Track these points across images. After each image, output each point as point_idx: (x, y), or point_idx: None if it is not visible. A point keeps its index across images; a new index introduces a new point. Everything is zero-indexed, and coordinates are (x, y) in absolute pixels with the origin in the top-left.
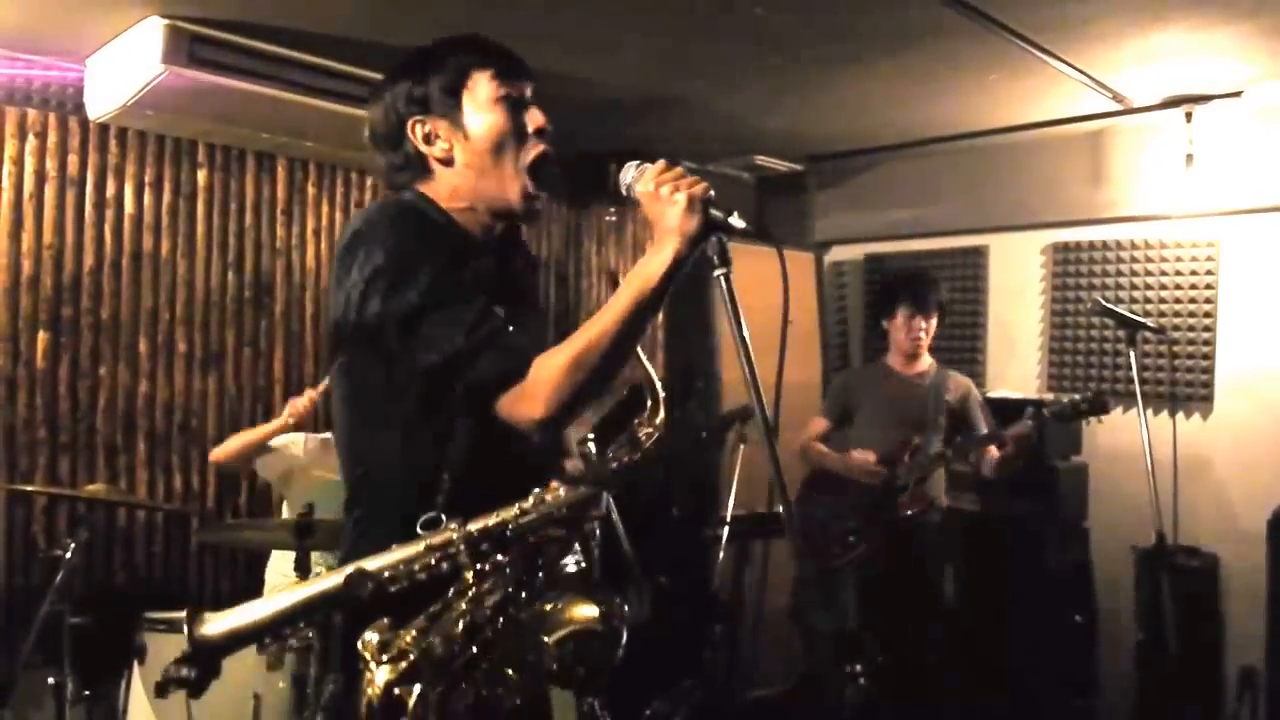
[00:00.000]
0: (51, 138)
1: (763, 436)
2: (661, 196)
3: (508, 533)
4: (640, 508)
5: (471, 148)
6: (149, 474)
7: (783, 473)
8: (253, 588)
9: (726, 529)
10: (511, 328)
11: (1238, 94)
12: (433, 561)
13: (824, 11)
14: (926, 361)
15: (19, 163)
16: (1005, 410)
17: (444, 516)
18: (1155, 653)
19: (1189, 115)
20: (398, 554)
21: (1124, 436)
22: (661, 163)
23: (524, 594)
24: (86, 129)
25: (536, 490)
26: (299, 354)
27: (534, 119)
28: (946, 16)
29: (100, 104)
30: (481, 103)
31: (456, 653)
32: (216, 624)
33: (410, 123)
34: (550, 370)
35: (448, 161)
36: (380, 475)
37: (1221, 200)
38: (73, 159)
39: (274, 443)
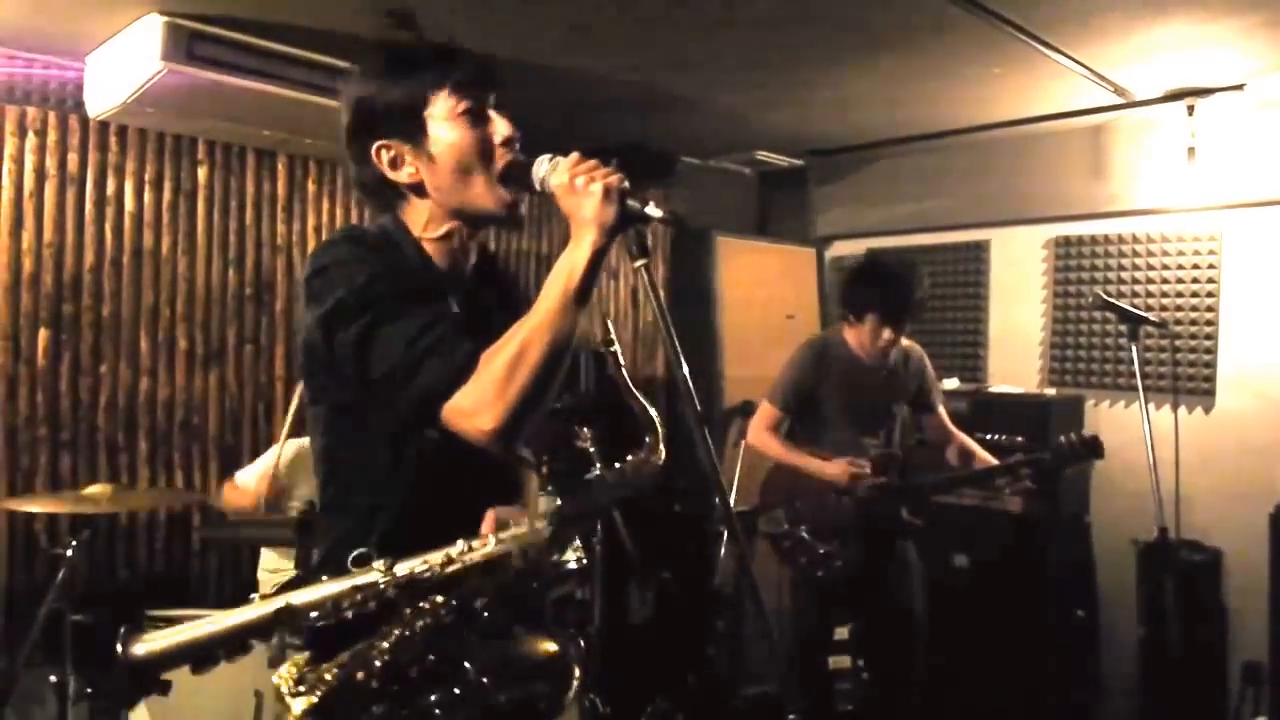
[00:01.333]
0: (51, 135)
1: (695, 432)
2: (576, 188)
3: (434, 579)
4: (642, 503)
5: (438, 170)
6: (150, 471)
7: (731, 469)
8: (253, 584)
9: (726, 525)
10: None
11: (1240, 87)
12: (360, 599)
13: (826, 7)
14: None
15: (19, 160)
16: (1008, 406)
17: (373, 554)
18: (1158, 648)
19: (1191, 108)
20: (326, 590)
21: (1126, 431)
22: (575, 155)
23: (464, 633)
24: (86, 127)
25: (463, 542)
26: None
27: (499, 130)
28: (948, 11)
29: (100, 101)
30: (443, 122)
31: (375, 687)
32: (148, 645)
33: (375, 148)
34: (491, 377)
35: (417, 187)
36: (345, 491)
37: (1223, 194)
38: (73, 157)
39: (297, 443)
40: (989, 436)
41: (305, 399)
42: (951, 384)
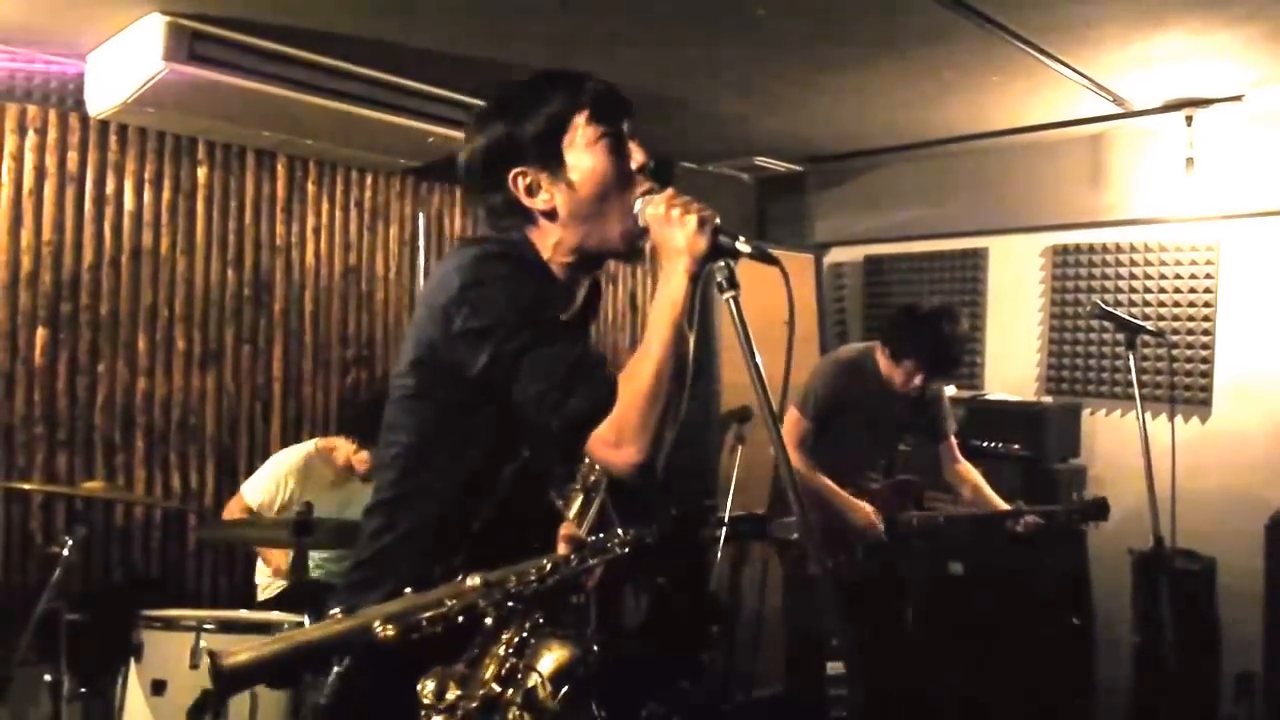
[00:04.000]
0: (51, 134)
1: (778, 457)
2: (672, 219)
3: (526, 591)
4: (639, 509)
5: (575, 197)
6: (147, 471)
7: (794, 483)
8: (249, 586)
9: (724, 530)
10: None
11: (1238, 98)
12: (455, 613)
13: (825, 13)
14: None
15: (19, 159)
16: (1005, 414)
17: (460, 568)
18: (1152, 656)
19: (1189, 119)
20: (419, 601)
21: (1122, 439)
22: (671, 189)
23: (531, 638)
24: (86, 125)
25: (550, 555)
26: (298, 351)
27: (635, 158)
28: (947, 19)
29: (100, 100)
30: (582, 149)
31: (496, 696)
32: (234, 658)
33: (512, 175)
34: (632, 410)
35: (551, 214)
36: (414, 506)
37: (1221, 204)
38: (72, 155)
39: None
40: (985, 444)
41: (397, 394)
42: (948, 392)
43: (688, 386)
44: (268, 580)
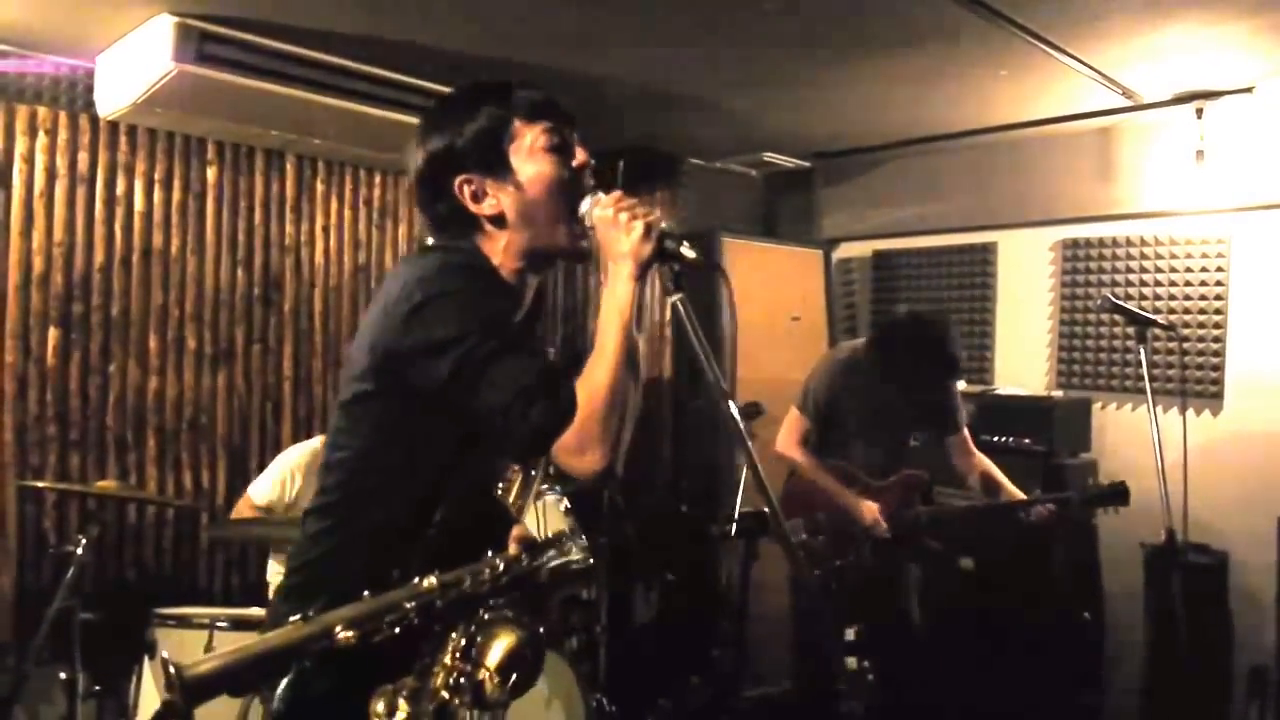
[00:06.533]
0: (62, 135)
1: (739, 446)
2: (619, 223)
3: (481, 591)
4: (648, 505)
5: (523, 199)
6: (159, 470)
7: (764, 478)
8: (261, 584)
9: (734, 526)
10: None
11: (1249, 90)
12: (413, 614)
13: (832, 9)
14: None
15: (30, 160)
16: (1015, 408)
17: (417, 571)
18: (1164, 651)
19: (1199, 111)
20: (378, 603)
21: (1133, 433)
22: (618, 192)
23: (477, 637)
24: (97, 126)
25: (499, 554)
26: (308, 350)
27: (579, 158)
28: (955, 13)
29: (110, 101)
30: (526, 153)
31: (445, 704)
32: (197, 668)
33: (457, 183)
34: (591, 418)
35: (498, 219)
36: (364, 510)
37: (1232, 196)
38: (83, 156)
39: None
40: (996, 439)
41: (349, 397)
42: (959, 386)
43: (640, 382)
44: (280, 577)
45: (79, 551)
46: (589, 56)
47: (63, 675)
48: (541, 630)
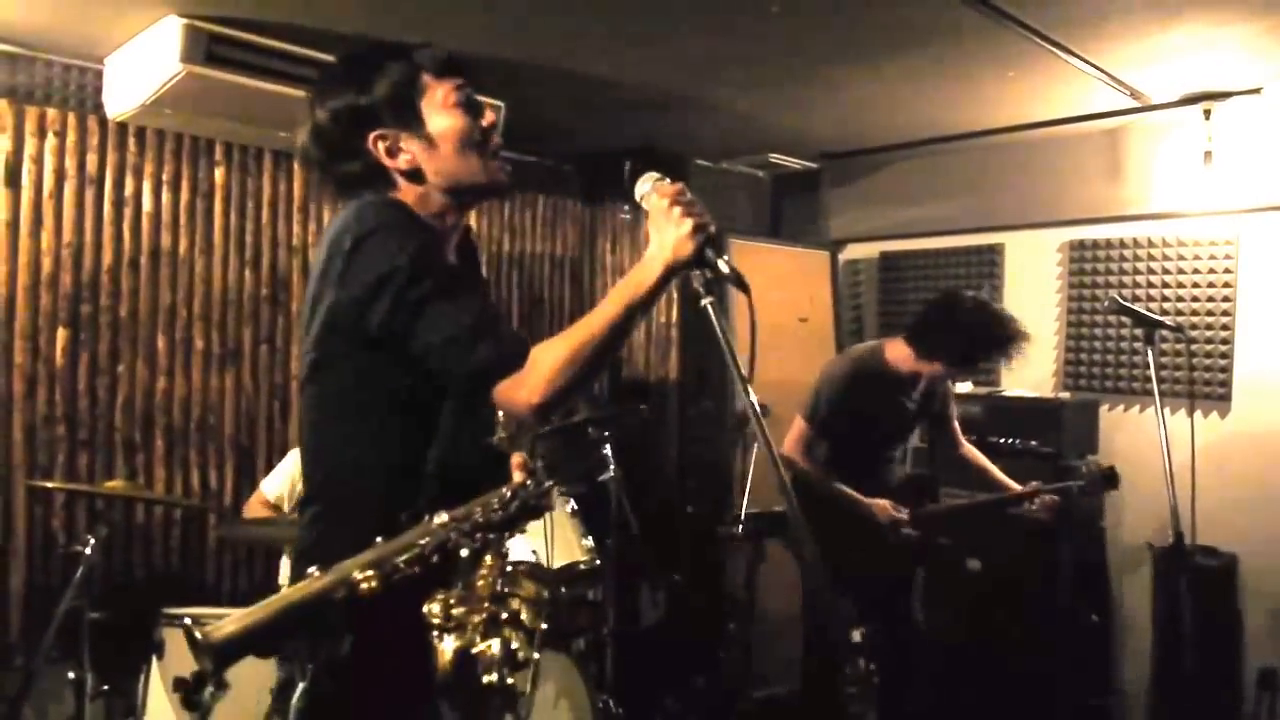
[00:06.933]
0: (71, 136)
1: (763, 445)
2: (671, 215)
3: (493, 520)
4: (655, 506)
5: (438, 154)
6: (167, 470)
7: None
8: (270, 583)
9: (741, 528)
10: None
11: (1257, 91)
12: (429, 552)
13: (838, 9)
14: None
15: (39, 161)
16: (1022, 410)
17: (425, 511)
18: (1173, 653)
19: (1207, 112)
20: (393, 545)
21: (1141, 435)
22: (680, 184)
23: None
24: (105, 128)
25: (505, 487)
26: None
27: (487, 116)
28: (962, 14)
29: (119, 103)
30: (438, 107)
31: (495, 613)
32: (221, 630)
33: (371, 138)
34: (549, 361)
35: (413, 173)
36: (351, 472)
37: (1240, 198)
38: (92, 158)
39: None
40: (1003, 440)
41: (307, 370)
42: (965, 388)
43: (608, 362)
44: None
45: (88, 551)
46: (595, 57)
47: (71, 675)
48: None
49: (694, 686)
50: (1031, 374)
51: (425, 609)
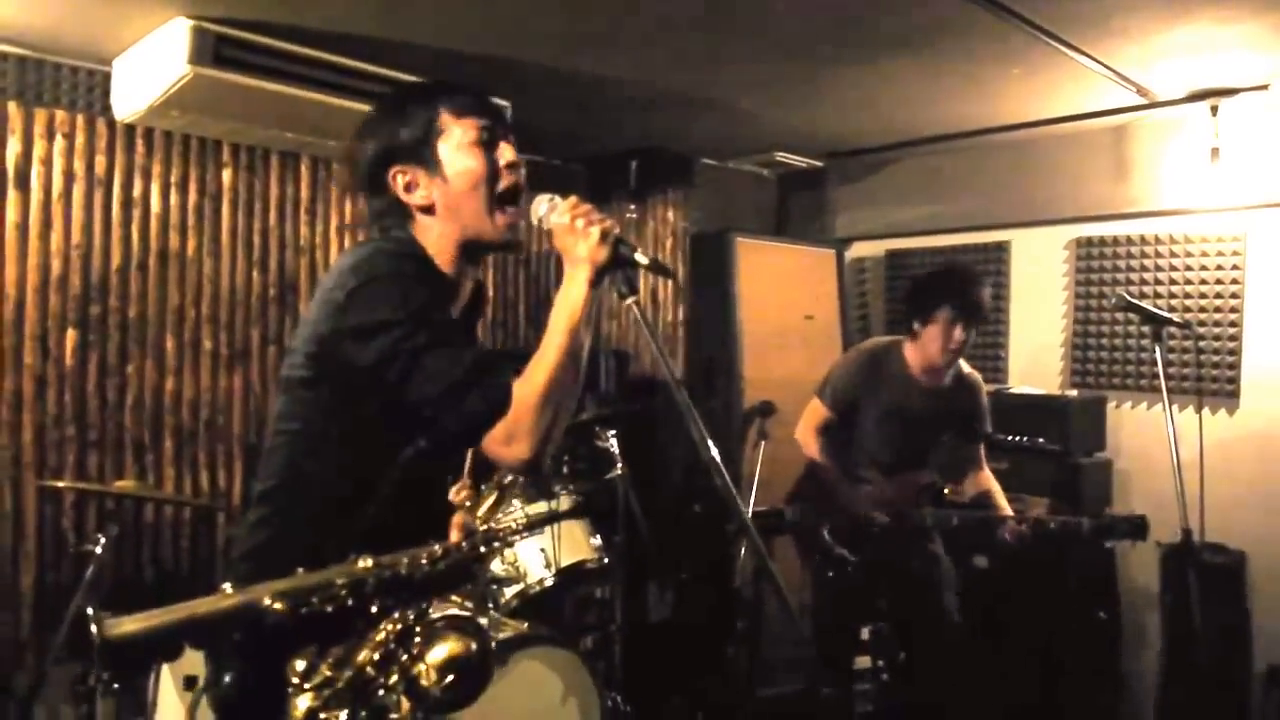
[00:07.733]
0: (79, 138)
1: (692, 428)
2: (575, 229)
3: (417, 575)
4: (663, 504)
5: (450, 191)
6: (176, 470)
7: (720, 466)
8: None
9: (748, 525)
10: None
11: (1264, 87)
12: (344, 593)
13: (844, 7)
14: (949, 372)
15: (47, 163)
16: (1030, 408)
17: (353, 550)
18: (1181, 651)
19: (1214, 109)
20: (310, 579)
21: (1149, 432)
22: (574, 198)
23: (415, 626)
24: (113, 129)
25: (438, 544)
26: None
27: (504, 155)
28: (968, 12)
29: (127, 105)
30: (455, 147)
31: (368, 680)
32: (121, 627)
33: (392, 174)
34: (524, 409)
35: (428, 209)
36: (305, 486)
37: (1248, 194)
38: (100, 159)
39: None
40: (1010, 438)
41: (288, 384)
42: (984, 398)
43: (581, 382)
44: None
45: (98, 550)
46: (602, 57)
47: (82, 673)
48: (491, 649)
49: (702, 684)
50: (1038, 371)
51: (290, 663)
